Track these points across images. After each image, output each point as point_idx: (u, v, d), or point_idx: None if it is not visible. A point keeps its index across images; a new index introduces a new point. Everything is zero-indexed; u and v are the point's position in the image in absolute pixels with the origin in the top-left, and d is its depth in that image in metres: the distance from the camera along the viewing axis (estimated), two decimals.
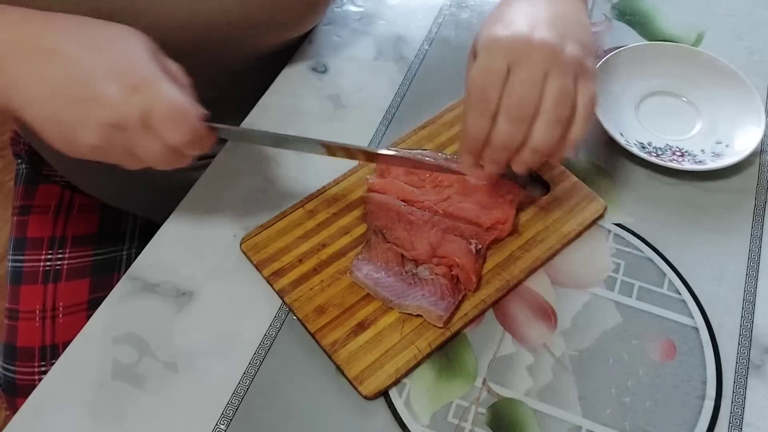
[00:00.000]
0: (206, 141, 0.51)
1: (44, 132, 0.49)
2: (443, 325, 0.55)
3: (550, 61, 0.50)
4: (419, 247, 0.58)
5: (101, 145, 0.48)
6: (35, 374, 0.76)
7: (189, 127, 0.49)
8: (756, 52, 0.78)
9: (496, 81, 0.50)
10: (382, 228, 0.59)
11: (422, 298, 0.55)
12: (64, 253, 0.79)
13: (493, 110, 0.51)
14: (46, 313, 0.77)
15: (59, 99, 0.47)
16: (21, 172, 0.85)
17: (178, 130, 0.48)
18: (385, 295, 0.56)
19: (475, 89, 0.51)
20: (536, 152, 0.52)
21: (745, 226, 0.63)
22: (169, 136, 0.48)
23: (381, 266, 0.57)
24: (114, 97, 0.47)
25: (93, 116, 0.47)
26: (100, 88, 0.47)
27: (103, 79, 0.47)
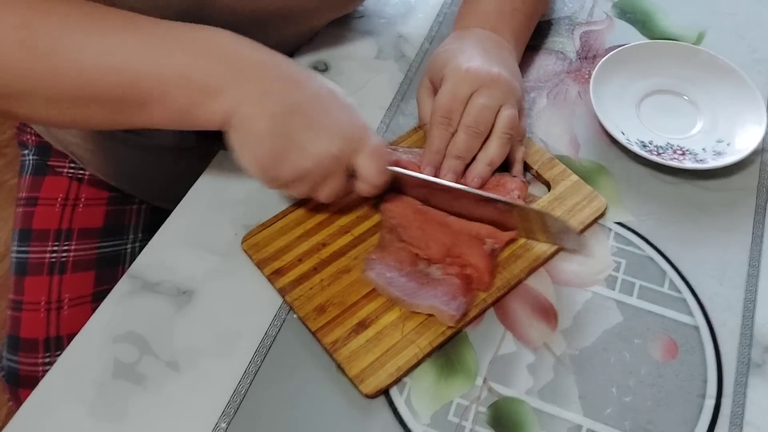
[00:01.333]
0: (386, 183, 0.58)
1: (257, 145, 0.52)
2: (455, 324, 0.54)
3: (506, 93, 0.60)
4: (433, 246, 0.58)
5: (311, 170, 0.54)
6: (39, 365, 0.76)
7: (384, 167, 0.57)
8: (757, 50, 0.78)
9: (459, 104, 0.60)
10: (397, 226, 0.59)
11: (434, 297, 0.55)
12: (70, 246, 0.80)
13: (454, 127, 0.60)
14: (51, 305, 0.78)
15: (295, 121, 0.52)
16: (27, 163, 0.85)
17: (382, 174, 0.56)
18: (397, 295, 0.55)
19: (441, 109, 0.60)
20: (487, 163, 0.61)
21: (747, 224, 0.63)
22: (370, 174, 0.56)
23: (394, 265, 0.57)
24: (345, 133, 0.54)
25: (322, 144, 0.53)
26: (336, 122, 0.54)
27: (339, 116, 0.54)
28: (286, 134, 0.52)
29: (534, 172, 0.65)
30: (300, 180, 0.54)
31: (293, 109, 0.52)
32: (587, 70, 0.76)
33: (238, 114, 0.51)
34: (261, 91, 0.52)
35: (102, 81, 0.50)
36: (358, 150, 0.55)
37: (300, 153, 0.53)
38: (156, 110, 0.52)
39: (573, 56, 0.78)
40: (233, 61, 0.52)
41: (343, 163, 0.55)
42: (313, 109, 0.53)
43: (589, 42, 0.79)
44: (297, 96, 0.53)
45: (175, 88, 0.51)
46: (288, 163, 0.53)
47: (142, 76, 0.50)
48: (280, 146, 0.52)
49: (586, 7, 0.83)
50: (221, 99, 0.51)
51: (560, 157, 0.67)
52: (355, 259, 0.59)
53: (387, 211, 0.60)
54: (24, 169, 0.85)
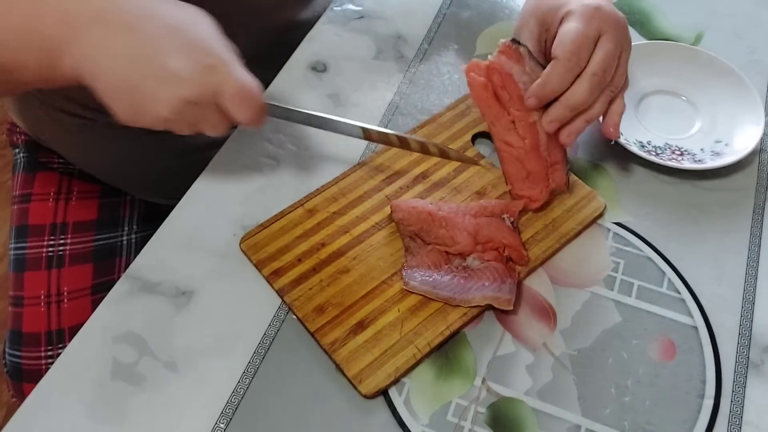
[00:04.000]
0: (263, 118, 0.56)
1: (113, 101, 0.51)
2: (512, 306, 0.55)
3: (627, 39, 0.58)
4: (460, 239, 0.58)
5: (171, 118, 0.52)
6: (42, 359, 0.76)
7: (255, 106, 0.54)
8: (755, 51, 0.78)
9: (590, 43, 0.56)
10: (418, 232, 0.59)
11: (484, 287, 0.56)
12: (66, 239, 0.80)
13: (580, 69, 0.56)
14: (51, 299, 0.78)
15: (136, 71, 0.50)
16: (18, 162, 0.85)
17: (247, 109, 0.53)
18: (446, 295, 0.56)
19: (571, 45, 0.55)
20: (590, 121, 0.58)
21: (745, 224, 0.63)
22: (237, 114, 0.53)
23: (431, 269, 0.57)
24: (191, 74, 0.50)
25: (169, 91, 0.50)
26: (178, 65, 0.50)
27: (182, 56, 0.51)
28: (133, 87, 0.50)
29: None
30: (168, 125, 0.53)
31: (131, 59, 0.50)
32: None
33: (84, 72, 0.51)
34: (97, 44, 0.50)
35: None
36: (219, 91, 0.52)
37: (152, 104, 0.51)
38: (19, 74, 0.53)
39: None
40: (71, 17, 0.51)
41: (205, 104, 0.52)
42: (155, 53, 0.50)
43: None
44: (136, 41, 0.50)
45: (23, 53, 0.51)
46: (146, 114, 0.52)
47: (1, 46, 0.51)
48: (131, 99, 0.51)
49: None
50: (66, 58, 0.50)
51: None
52: (354, 260, 0.59)
53: (402, 221, 0.60)
54: (16, 167, 0.85)
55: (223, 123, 0.54)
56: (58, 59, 0.51)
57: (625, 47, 0.58)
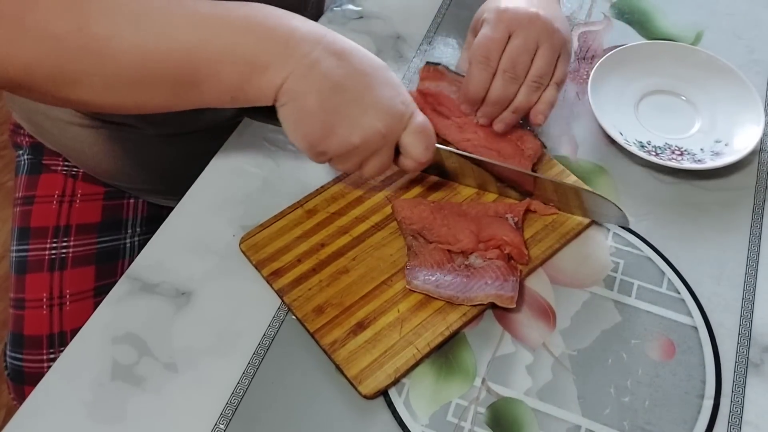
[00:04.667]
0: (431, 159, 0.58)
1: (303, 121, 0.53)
2: (515, 304, 0.55)
3: (543, 36, 0.60)
4: (463, 237, 0.58)
5: (357, 146, 0.54)
6: (44, 362, 0.76)
7: (431, 145, 0.57)
8: (755, 50, 0.78)
9: (498, 45, 0.60)
10: (421, 231, 0.59)
11: (486, 286, 0.56)
12: (69, 242, 0.80)
13: (492, 69, 0.60)
14: (53, 301, 0.78)
15: (344, 96, 0.53)
16: (22, 163, 0.85)
17: (425, 146, 0.56)
18: (449, 294, 0.56)
19: (480, 49, 0.60)
20: (516, 112, 0.62)
21: (745, 224, 0.63)
22: (415, 149, 0.56)
23: (434, 268, 0.57)
24: (391, 108, 0.54)
25: (369, 119, 0.53)
26: (382, 97, 0.54)
27: (386, 91, 0.54)
28: (334, 109, 0.52)
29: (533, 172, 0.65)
30: (346, 155, 0.55)
31: (340, 84, 0.52)
32: (585, 71, 0.76)
33: (286, 89, 0.52)
34: (308, 65, 0.51)
35: (155, 63, 0.51)
36: (405, 127, 0.55)
37: (348, 129, 0.53)
38: (208, 89, 0.52)
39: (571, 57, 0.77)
40: (279, 36, 0.52)
41: (390, 139, 0.55)
42: (359, 84, 0.53)
43: (588, 42, 0.79)
44: (344, 70, 0.53)
45: (224, 66, 0.51)
46: (335, 138, 0.53)
47: (191, 55, 0.51)
48: (327, 121, 0.53)
49: (584, 7, 0.83)
50: (269, 74, 0.51)
51: (559, 158, 0.67)
52: (353, 260, 0.59)
53: (405, 219, 0.60)
54: (19, 169, 0.85)
55: (389, 163, 0.57)
56: (261, 74, 0.51)
57: (544, 40, 0.60)
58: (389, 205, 0.62)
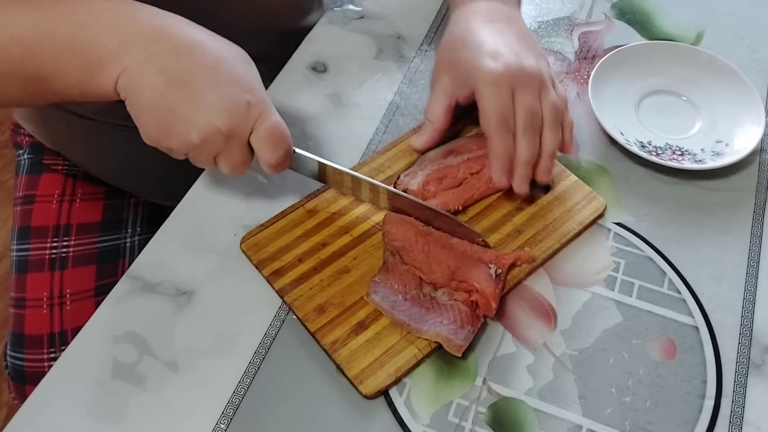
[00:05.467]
0: (287, 163, 0.57)
1: (144, 118, 0.52)
2: (461, 354, 0.54)
3: (539, 82, 0.60)
4: (437, 270, 0.57)
5: (198, 144, 0.52)
6: (44, 361, 0.76)
7: (284, 149, 0.55)
8: (756, 50, 0.78)
9: (510, 110, 0.59)
10: (400, 249, 0.58)
11: (441, 325, 0.54)
12: (70, 241, 0.80)
13: (513, 132, 0.59)
14: (54, 300, 0.78)
15: (178, 92, 0.50)
16: (23, 163, 0.85)
17: (276, 151, 0.54)
18: (402, 319, 0.55)
19: (497, 117, 0.59)
20: (551, 156, 0.61)
21: (745, 224, 0.63)
22: (265, 154, 0.54)
23: (398, 289, 0.56)
24: (230, 106, 0.51)
25: (205, 117, 0.51)
26: (219, 94, 0.51)
27: (224, 87, 0.52)
28: (169, 106, 0.51)
29: None
30: (192, 152, 0.53)
31: (177, 80, 0.51)
32: (586, 71, 0.76)
33: (122, 86, 0.51)
34: (143, 60, 0.50)
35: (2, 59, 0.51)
36: (254, 127, 0.53)
37: (185, 126, 0.51)
38: (56, 84, 0.52)
39: (572, 57, 0.78)
40: (118, 29, 0.51)
41: (236, 138, 0.53)
42: (198, 79, 0.51)
43: (588, 42, 0.79)
44: (181, 65, 0.51)
45: (64, 62, 0.51)
46: (174, 136, 0.52)
47: (32, 51, 0.51)
48: (165, 119, 0.51)
49: (584, 7, 0.83)
50: (107, 69, 0.50)
51: (559, 158, 0.67)
52: (354, 260, 0.59)
53: (389, 233, 0.59)
54: (20, 168, 0.85)
55: (244, 162, 0.55)
56: (99, 69, 0.51)
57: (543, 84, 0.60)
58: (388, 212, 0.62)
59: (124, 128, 0.78)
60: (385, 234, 0.59)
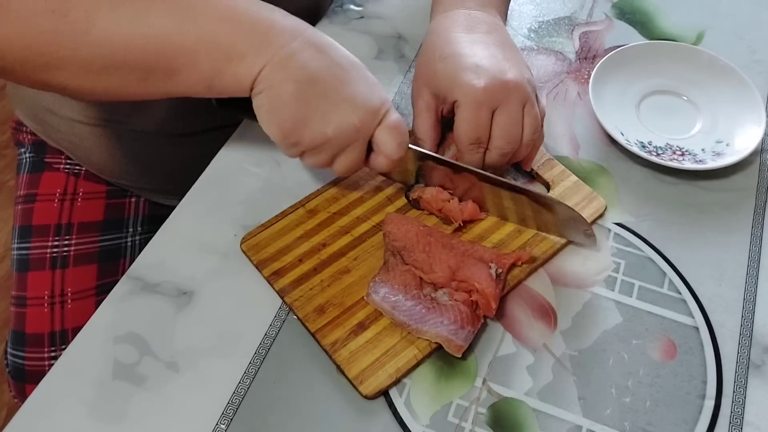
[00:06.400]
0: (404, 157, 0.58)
1: (280, 110, 0.53)
2: (461, 355, 0.54)
3: (523, 96, 0.58)
4: (438, 270, 0.57)
5: (331, 139, 0.54)
6: (45, 360, 0.77)
7: (404, 141, 0.57)
8: (756, 51, 0.78)
9: (485, 129, 0.58)
10: (401, 249, 0.58)
11: (441, 325, 0.54)
12: (71, 240, 0.80)
13: (485, 147, 0.59)
14: (55, 299, 0.78)
15: (318, 87, 0.53)
16: (24, 161, 0.85)
17: (398, 142, 0.56)
18: (402, 320, 0.55)
19: (468, 137, 0.58)
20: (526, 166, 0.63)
21: (746, 225, 0.63)
22: (388, 144, 0.56)
23: (399, 289, 0.56)
24: (366, 103, 0.54)
25: (343, 112, 0.53)
26: (358, 91, 0.54)
27: (362, 86, 0.54)
28: (309, 101, 0.53)
29: (534, 172, 0.65)
30: (319, 148, 0.55)
31: (317, 76, 0.53)
32: (587, 71, 0.76)
33: (262, 78, 0.52)
34: (285, 56, 0.52)
35: (131, 49, 0.51)
36: (379, 123, 0.55)
37: (321, 120, 0.53)
38: (184, 77, 0.52)
39: (572, 57, 0.78)
40: (258, 26, 0.52)
41: (363, 134, 0.55)
42: (336, 77, 0.54)
43: (589, 42, 0.79)
44: (321, 63, 0.53)
45: (200, 54, 0.51)
46: (309, 129, 0.53)
47: (168, 43, 0.51)
48: (302, 112, 0.53)
49: (585, 7, 0.83)
50: (246, 63, 0.52)
51: (560, 158, 0.67)
52: (355, 260, 0.59)
53: (390, 233, 0.59)
54: (21, 167, 0.85)
55: (361, 160, 0.57)
56: (238, 63, 0.51)
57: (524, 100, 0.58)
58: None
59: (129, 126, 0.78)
60: (385, 234, 0.59)
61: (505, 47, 0.61)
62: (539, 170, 0.65)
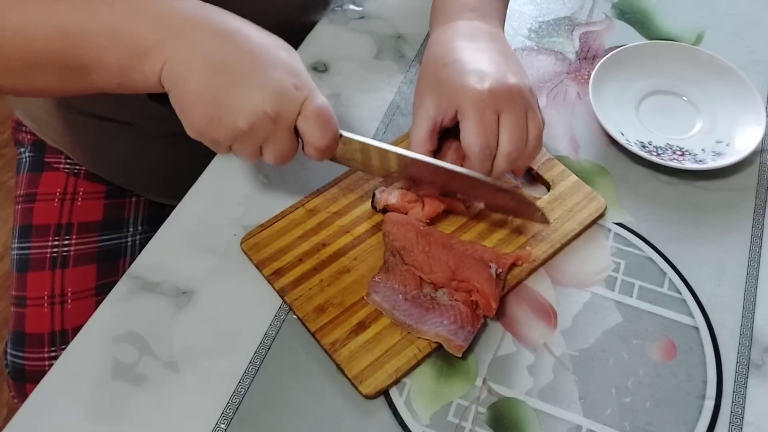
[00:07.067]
0: (335, 147, 0.56)
1: (188, 107, 0.51)
2: (461, 354, 0.54)
3: (526, 104, 0.58)
4: (438, 270, 0.57)
5: (246, 131, 0.51)
6: (45, 360, 0.76)
7: (332, 131, 0.54)
8: (756, 51, 0.78)
9: (494, 135, 0.57)
10: (400, 249, 0.58)
11: (441, 325, 0.54)
12: (71, 240, 0.80)
13: (493, 153, 0.58)
14: (55, 299, 0.78)
15: (224, 79, 0.50)
16: (24, 161, 0.85)
17: (324, 133, 0.53)
18: (402, 319, 0.55)
19: (478, 145, 0.57)
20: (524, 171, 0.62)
21: (746, 225, 0.63)
22: (313, 136, 0.53)
23: (398, 289, 0.56)
24: (277, 89, 0.51)
25: (253, 102, 0.50)
26: (266, 78, 0.51)
27: (270, 72, 0.51)
28: (216, 95, 0.50)
29: (534, 172, 0.65)
30: (238, 142, 0.53)
31: (222, 66, 0.50)
32: (587, 71, 0.76)
33: (167, 75, 0.50)
34: (188, 48, 0.50)
35: (40, 48, 0.51)
36: (299, 111, 0.52)
37: (231, 114, 0.51)
38: (96, 74, 0.52)
39: (572, 57, 0.78)
40: (162, 18, 0.51)
41: (283, 123, 0.52)
42: (243, 65, 0.51)
43: (589, 42, 0.79)
44: (226, 51, 0.51)
45: (105, 51, 0.50)
46: (222, 124, 0.51)
47: (72, 40, 0.50)
48: (211, 109, 0.51)
49: (585, 7, 0.83)
50: (151, 59, 0.50)
51: (560, 158, 0.67)
52: (354, 260, 0.59)
53: (389, 233, 0.59)
54: (21, 167, 0.85)
55: (291, 149, 0.54)
56: (143, 59, 0.50)
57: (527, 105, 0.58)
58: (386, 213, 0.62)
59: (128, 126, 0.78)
60: (385, 234, 0.59)
61: (507, 56, 0.61)
62: (539, 170, 0.65)
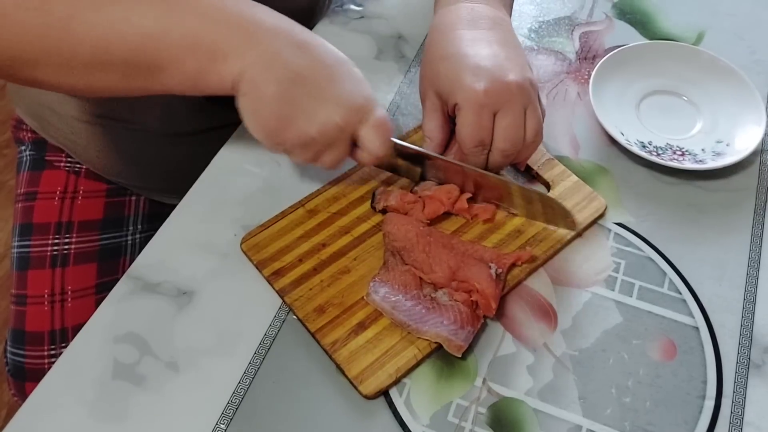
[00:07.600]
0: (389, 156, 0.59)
1: (260, 112, 0.53)
2: (461, 355, 0.54)
3: (525, 99, 0.57)
4: (438, 270, 0.57)
5: (315, 138, 0.54)
6: (45, 358, 0.77)
7: (388, 140, 0.57)
8: (757, 51, 0.78)
9: (488, 131, 0.58)
10: (400, 250, 0.58)
11: (441, 325, 0.54)
12: (71, 238, 0.80)
13: (487, 149, 0.59)
14: (55, 297, 0.78)
15: (301, 87, 0.53)
16: (24, 159, 0.85)
17: (382, 141, 0.56)
18: (402, 320, 0.55)
19: (471, 141, 0.58)
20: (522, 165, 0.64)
21: (746, 225, 0.63)
22: (372, 143, 0.56)
23: (398, 289, 0.56)
24: (350, 102, 0.54)
25: (327, 112, 0.53)
26: (342, 90, 0.54)
27: (346, 84, 0.55)
28: (292, 100, 0.53)
29: (534, 172, 0.65)
30: (304, 147, 0.55)
31: (300, 76, 0.53)
32: (587, 71, 0.76)
33: (246, 78, 0.52)
34: (269, 56, 0.52)
35: (114, 46, 0.51)
36: (363, 120, 0.55)
37: (305, 120, 0.53)
38: (168, 75, 0.52)
39: (573, 57, 0.78)
40: (243, 25, 0.52)
41: (347, 132, 0.55)
42: (320, 76, 0.54)
43: (589, 42, 0.79)
44: (305, 62, 0.53)
45: (184, 53, 0.51)
46: (293, 129, 0.54)
47: (152, 41, 0.51)
48: (285, 112, 0.53)
49: (585, 7, 0.83)
50: (230, 63, 0.52)
51: (560, 158, 0.67)
52: (354, 260, 0.59)
53: (389, 234, 0.59)
54: (21, 165, 0.86)
55: (344, 156, 0.57)
56: (222, 62, 0.51)
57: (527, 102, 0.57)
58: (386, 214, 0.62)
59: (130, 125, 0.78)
60: (385, 234, 0.59)
61: (508, 45, 0.60)
62: (539, 170, 0.65)
